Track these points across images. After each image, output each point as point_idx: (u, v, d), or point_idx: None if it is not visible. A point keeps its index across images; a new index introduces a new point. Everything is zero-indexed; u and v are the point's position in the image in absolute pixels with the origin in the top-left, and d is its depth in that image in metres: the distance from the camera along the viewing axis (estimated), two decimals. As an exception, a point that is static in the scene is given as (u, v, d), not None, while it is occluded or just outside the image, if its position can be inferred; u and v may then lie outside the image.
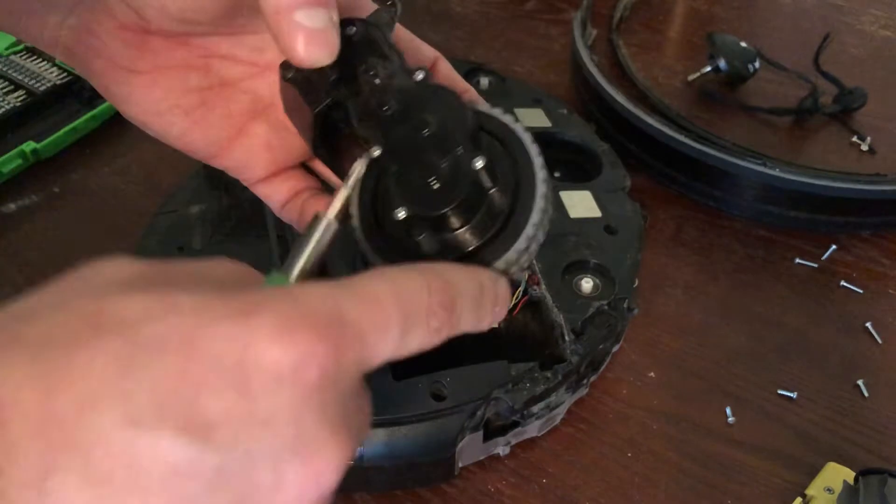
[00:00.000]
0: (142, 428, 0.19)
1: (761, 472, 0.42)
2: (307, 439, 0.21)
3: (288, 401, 0.21)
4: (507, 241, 0.31)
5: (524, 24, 0.75)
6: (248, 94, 0.36)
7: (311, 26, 0.30)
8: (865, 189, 0.53)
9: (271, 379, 0.21)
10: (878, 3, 0.79)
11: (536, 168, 0.31)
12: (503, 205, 0.31)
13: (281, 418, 0.21)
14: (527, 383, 0.40)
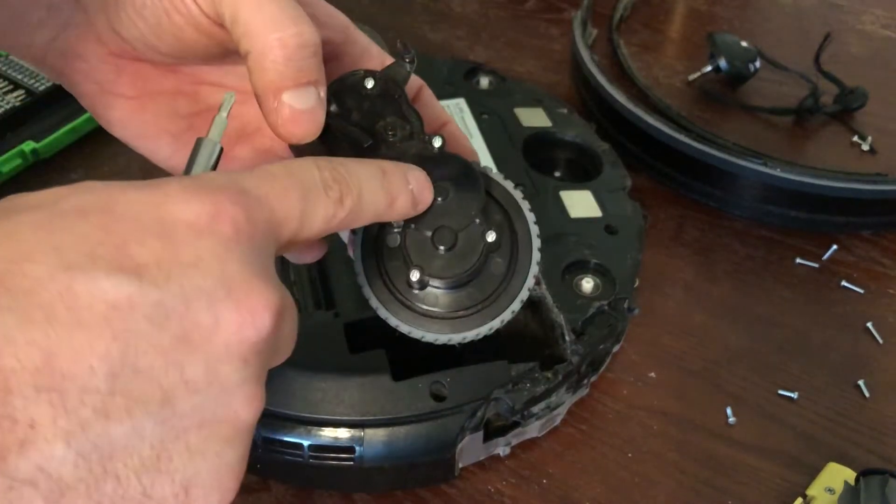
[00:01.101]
0: (76, 270, 0.21)
1: (762, 473, 0.42)
2: (236, 281, 0.23)
3: (210, 247, 0.23)
4: (502, 303, 0.34)
5: (524, 24, 0.75)
6: (235, 119, 0.36)
7: (299, 107, 0.31)
8: (866, 189, 0.53)
9: (190, 230, 0.23)
10: (879, 3, 0.79)
11: (533, 237, 0.34)
12: (501, 269, 0.34)
13: (207, 262, 0.22)
14: (527, 383, 0.40)
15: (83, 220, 0.22)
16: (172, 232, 0.22)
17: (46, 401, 0.20)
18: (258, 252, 0.24)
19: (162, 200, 0.23)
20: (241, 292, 0.23)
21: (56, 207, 0.22)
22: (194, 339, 0.22)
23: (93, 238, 0.21)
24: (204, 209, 0.23)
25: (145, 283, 0.21)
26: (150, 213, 0.23)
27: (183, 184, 0.24)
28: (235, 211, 0.24)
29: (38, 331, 0.20)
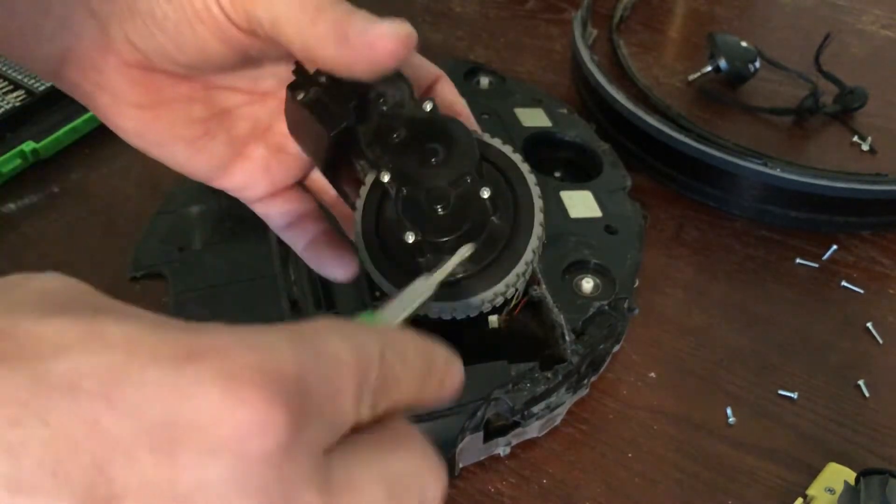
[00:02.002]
0: (25, 496, 0.15)
1: (762, 473, 0.42)
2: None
3: (219, 474, 0.17)
4: (506, 266, 0.33)
5: (524, 24, 0.75)
6: (247, 120, 0.36)
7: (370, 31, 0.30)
8: (866, 189, 0.53)
9: (206, 444, 0.17)
10: (879, 3, 0.78)
11: (534, 196, 0.34)
12: (504, 231, 0.33)
13: (208, 495, 0.17)
14: (527, 383, 0.40)
15: (68, 404, 0.16)
16: (179, 444, 0.16)
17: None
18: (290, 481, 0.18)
19: (186, 392, 0.17)
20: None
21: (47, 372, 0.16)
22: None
23: (68, 441, 0.16)
24: (236, 418, 0.17)
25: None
26: (161, 409, 0.16)
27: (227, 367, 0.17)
28: (283, 423, 0.17)
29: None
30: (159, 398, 0.16)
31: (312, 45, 0.30)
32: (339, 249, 0.38)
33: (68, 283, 0.19)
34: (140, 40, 0.31)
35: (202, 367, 0.17)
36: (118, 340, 0.17)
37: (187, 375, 0.17)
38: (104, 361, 0.17)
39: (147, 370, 0.17)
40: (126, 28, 0.31)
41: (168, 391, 0.17)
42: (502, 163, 0.34)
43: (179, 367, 0.17)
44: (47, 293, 0.18)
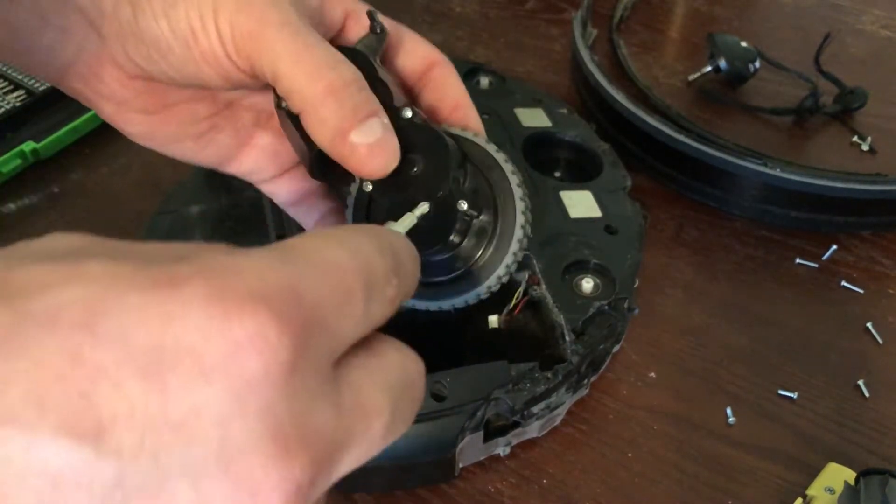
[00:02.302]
0: (13, 425, 0.15)
1: (762, 473, 0.42)
2: (240, 450, 0.16)
3: (215, 398, 0.16)
4: (494, 260, 0.34)
5: (524, 24, 0.75)
6: (251, 110, 0.37)
7: (371, 141, 0.30)
8: (866, 189, 0.53)
9: (194, 368, 0.16)
10: (879, 3, 0.79)
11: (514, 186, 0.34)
12: (487, 228, 0.34)
13: (203, 420, 0.16)
14: (527, 383, 0.40)
15: (51, 333, 0.16)
16: (168, 368, 0.16)
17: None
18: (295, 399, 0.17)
19: (170, 315, 0.16)
20: (245, 467, 0.16)
21: (28, 305, 0.16)
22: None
23: (51, 371, 0.15)
24: (226, 337, 0.16)
25: (104, 453, 0.15)
26: (148, 332, 0.16)
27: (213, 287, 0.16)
28: (278, 338, 0.17)
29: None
30: (142, 324, 0.16)
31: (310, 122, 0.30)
32: None
33: (71, 237, 0.19)
34: (142, 62, 0.32)
35: (186, 290, 0.16)
36: (98, 275, 0.17)
37: (170, 300, 0.16)
38: (83, 293, 0.16)
39: (127, 297, 0.16)
40: (128, 48, 0.31)
41: (151, 316, 0.16)
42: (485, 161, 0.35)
43: (161, 292, 0.16)
44: (47, 247, 0.18)
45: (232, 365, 0.16)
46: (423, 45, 0.37)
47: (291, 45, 0.29)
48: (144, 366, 0.16)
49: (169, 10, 0.30)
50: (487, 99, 0.58)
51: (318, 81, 0.29)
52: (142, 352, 0.16)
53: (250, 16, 0.29)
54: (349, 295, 0.19)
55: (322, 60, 0.30)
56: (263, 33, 0.29)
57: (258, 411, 0.16)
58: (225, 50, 0.30)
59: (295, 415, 0.17)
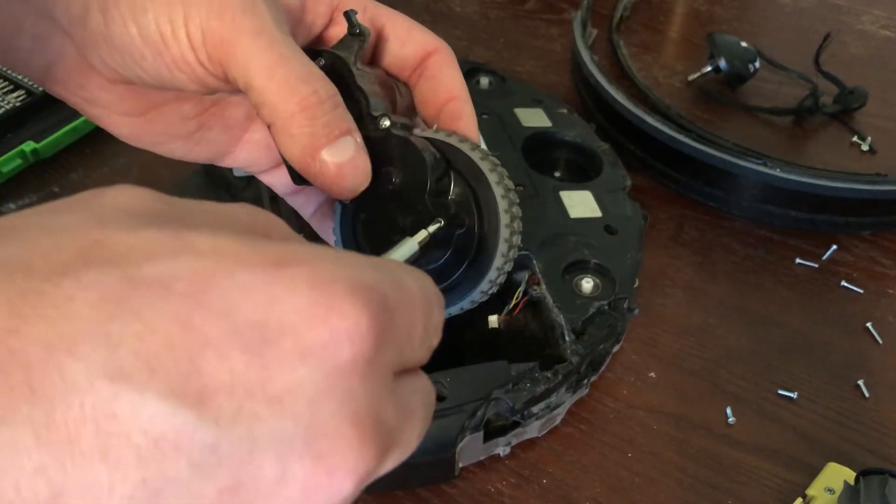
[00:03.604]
0: (123, 383, 0.15)
1: (762, 473, 0.42)
2: (325, 431, 0.17)
3: (310, 378, 0.17)
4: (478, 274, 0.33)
5: (524, 25, 0.75)
6: (240, 106, 0.36)
7: (341, 160, 0.30)
8: (866, 189, 0.53)
9: (295, 348, 0.17)
10: (879, 3, 0.79)
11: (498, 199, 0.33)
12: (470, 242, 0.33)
13: (298, 398, 0.17)
14: (527, 383, 0.40)
15: (161, 302, 0.16)
16: (270, 346, 0.17)
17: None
18: (372, 391, 0.18)
19: (276, 297, 0.17)
20: (326, 446, 0.17)
21: (139, 273, 0.16)
22: (245, 495, 0.17)
23: (162, 336, 0.16)
24: (325, 321, 0.17)
25: (205, 420, 0.16)
26: (252, 312, 0.17)
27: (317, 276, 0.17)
28: (368, 334, 0.18)
29: (52, 458, 0.15)
30: (249, 301, 0.17)
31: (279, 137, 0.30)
32: None
33: (148, 194, 0.19)
34: (118, 68, 0.31)
35: (291, 273, 0.17)
36: (206, 248, 0.17)
37: (277, 280, 0.17)
38: (194, 266, 0.17)
39: (236, 274, 0.17)
40: (103, 55, 0.31)
41: (258, 294, 0.17)
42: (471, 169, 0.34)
43: (268, 272, 0.17)
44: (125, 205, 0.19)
45: (328, 350, 0.17)
46: (419, 32, 0.36)
47: (266, 56, 0.28)
48: (249, 341, 0.17)
49: (139, 16, 0.29)
50: (487, 99, 0.58)
51: (291, 96, 0.29)
52: (247, 327, 0.17)
53: (223, 22, 0.28)
54: (415, 322, 0.20)
55: (296, 74, 0.29)
56: (237, 42, 0.28)
57: (344, 397, 0.17)
58: (197, 57, 0.29)
59: (371, 405, 0.18)
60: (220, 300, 0.17)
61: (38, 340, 0.15)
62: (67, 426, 0.15)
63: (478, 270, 0.34)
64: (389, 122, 0.32)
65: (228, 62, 0.29)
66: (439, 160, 0.33)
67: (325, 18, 0.35)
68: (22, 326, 0.15)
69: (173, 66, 0.30)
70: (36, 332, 0.15)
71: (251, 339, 0.17)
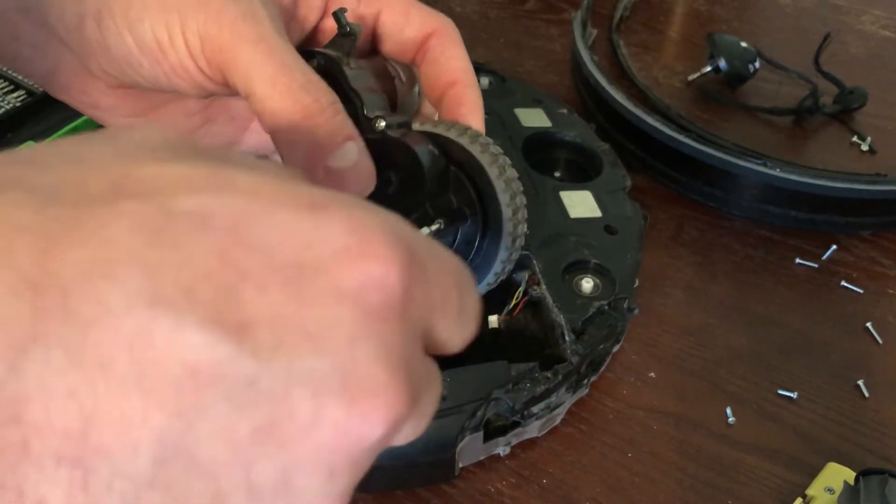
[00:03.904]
0: (162, 309, 0.15)
1: (761, 472, 0.42)
2: (360, 371, 0.17)
3: (349, 319, 0.17)
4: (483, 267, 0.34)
5: (524, 25, 0.75)
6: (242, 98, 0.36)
7: (345, 166, 0.29)
8: (865, 189, 0.53)
9: (331, 288, 0.17)
10: (879, 4, 0.79)
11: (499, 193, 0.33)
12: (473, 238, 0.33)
13: (334, 337, 0.16)
14: (527, 383, 0.40)
15: (201, 232, 0.16)
16: (308, 285, 0.16)
17: (66, 479, 0.15)
18: (402, 339, 0.18)
19: (312, 238, 0.17)
20: (361, 388, 0.17)
21: (174, 205, 0.16)
22: (279, 434, 0.16)
23: (201, 266, 0.16)
24: (359, 269, 0.17)
25: (244, 352, 0.16)
26: (289, 251, 0.17)
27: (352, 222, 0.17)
28: (398, 282, 0.17)
29: (84, 381, 0.15)
30: (288, 239, 0.17)
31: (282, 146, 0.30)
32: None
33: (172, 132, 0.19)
34: (117, 74, 0.31)
35: (329, 215, 0.17)
36: (246, 186, 0.17)
37: (315, 221, 0.17)
38: (233, 202, 0.17)
39: (276, 213, 0.17)
40: (101, 63, 0.31)
41: (296, 234, 0.17)
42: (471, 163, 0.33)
43: (307, 213, 0.17)
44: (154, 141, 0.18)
45: (362, 293, 0.17)
46: (417, 12, 0.35)
47: (267, 64, 0.28)
48: (288, 277, 0.16)
49: (134, 25, 0.29)
50: (487, 99, 0.57)
51: (293, 106, 0.28)
52: (285, 265, 0.16)
53: (222, 29, 0.28)
54: (450, 292, 0.19)
55: (297, 83, 0.29)
56: (237, 49, 0.28)
57: (379, 341, 0.17)
58: (196, 63, 0.29)
59: (402, 355, 0.18)
60: (259, 237, 0.16)
61: (73, 263, 0.15)
62: (101, 351, 0.15)
63: (484, 262, 0.33)
64: (385, 123, 0.32)
65: (228, 69, 0.29)
66: (438, 157, 0.32)
67: (319, 11, 0.34)
68: (55, 249, 0.15)
69: (171, 73, 0.30)
70: (71, 255, 0.15)
71: (290, 276, 0.16)
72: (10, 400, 0.14)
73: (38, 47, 0.31)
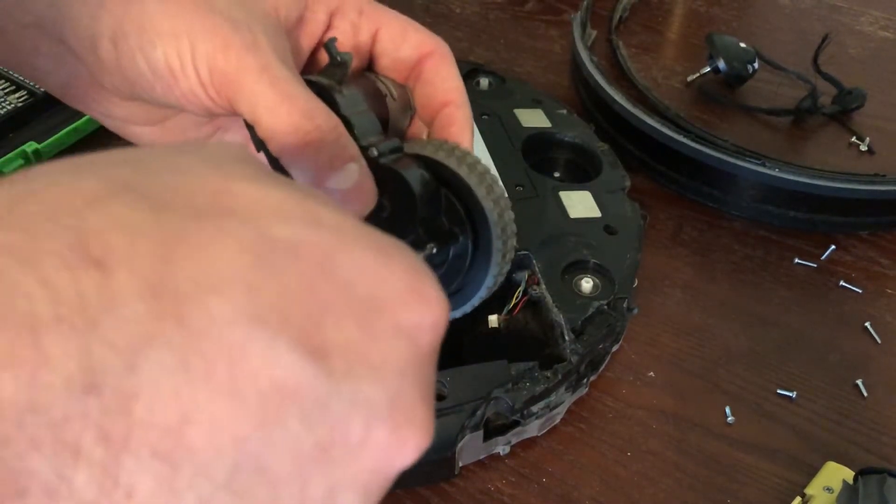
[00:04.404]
0: (260, 327, 0.17)
1: (760, 472, 0.42)
2: (404, 402, 0.18)
3: (404, 356, 0.19)
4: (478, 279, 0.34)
5: (524, 25, 0.76)
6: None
7: (347, 187, 0.30)
8: (864, 189, 0.54)
9: (394, 324, 0.19)
10: (878, 4, 0.79)
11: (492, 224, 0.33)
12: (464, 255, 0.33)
13: (391, 369, 0.18)
14: (527, 383, 0.40)
15: (295, 262, 0.18)
16: (376, 322, 0.18)
17: (156, 472, 0.16)
18: (430, 377, 0.20)
19: (384, 280, 0.19)
20: (403, 416, 0.18)
21: (271, 233, 0.18)
22: (334, 452, 0.17)
23: (293, 294, 0.17)
24: (416, 312, 0.19)
25: (321, 374, 0.17)
26: (366, 289, 0.18)
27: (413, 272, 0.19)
28: (438, 328, 0.20)
29: (188, 385, 0.16)
30: (363, 277, 0.18)
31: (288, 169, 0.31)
32: None
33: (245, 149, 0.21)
34: (130, 92, 0.32)
35: (396, 259, 0.19)
36: (332, 224, 0.19)
37: (386, 264, 0.19)
38: (321, 237, 0.18)
39: (355, 253, 0.19)
40: (114, 80, 0.31)
41: (370, 273, 0.19)
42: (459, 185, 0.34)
43: (379, 255, 0.19)
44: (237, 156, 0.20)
45: (416, 332, 0.19)
46: (414, 33, 0.36)
47: (270, 94, 0.29)
48: (360, 312, 0.18)
49: (147, 50, 0.30)
50: (487, 100, 0.58)
51: (295, 133, 0.29)
52: (359, 300, 0.18)
53: (228, 60, 0.29)
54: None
55: (299, 111, 0.30)
56: (242, 80, 0.29)
57: (421, 377, 0.19)
58: (206, 91, 0.30)
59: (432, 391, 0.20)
60: (341, 273, 0.18)
61: (186, 275, 0.16)
62: (206, 359, 0.16)
63: (476, 278, 0.34)
64: (377, 152, 0.32)
65: (235, 98, 0.30)
66: (429, 182, 0.33)
67: (323, 25, 0.35)
68: (171, 257, 0.16)
69: (182, 98, 0.31)
70: (183, 267, 0.16)
71: (362, 311, 0.18)
72: (124, 395, 0.15)
73: (55, 59, 0.32)
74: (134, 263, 0.16)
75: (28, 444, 0.15)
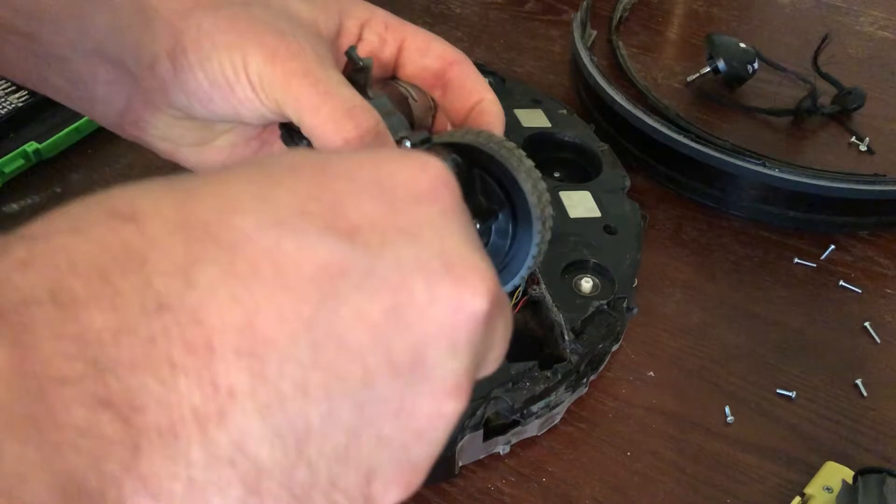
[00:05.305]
0: (286, 227, 0.19)
1: (760, 472, 0.42)
2: (455, 256, 0.20)
3: (430, 215, 0.20)
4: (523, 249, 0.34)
5: (524, 26, 0.76)
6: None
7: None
8: (864, 189, 0.54)
9: (409, 194, 0.21)
10: (877, 4, 0.79)
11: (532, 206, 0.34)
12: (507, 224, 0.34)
13: (426, 230, 0.20)
14: (526, 382, 0.40)
15: (295, 175, 0.20)
16: (390, 194, 0.20)
17: (247, 367, 0.18)
18: (466, 224, 0.22)
19: (379, 162, 0.21)
20: (461, 268, 0.20)
21: (267, 164, 0.21)
22: (406, 315, 0.19)
23: (305, 194, 0.20)
24: (425, 174, 0.21)
25: (358, 248, 0.19)
26: (367, 173, 0.21)
27: (400, 153, 0.23)
28: (450, 179, 0.22)
29: (241, 287, 0.18)
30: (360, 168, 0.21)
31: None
32: None
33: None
34: (183, 108, 0.33)
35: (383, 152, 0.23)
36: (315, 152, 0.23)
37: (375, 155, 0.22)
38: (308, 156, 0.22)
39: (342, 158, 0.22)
40: (169, 98, 0.33)
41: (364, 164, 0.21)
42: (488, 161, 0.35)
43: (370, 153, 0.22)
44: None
45: (433, 194, 0.21)
46: (438, 44, 0.38)
47: (312, 96, 0.31)
48: (372, 191, 0.20)
49: (204, 63, 0.32)
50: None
51: (336, 132, 0.31)
52: (367, 184, 0.20)
53: (275, 67, 0.31)
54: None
55: (339, 110, 0.31)
56: (288, 85, 0.31)
57: (460, 230, 0.21)
58: (258, 97, 0.32)
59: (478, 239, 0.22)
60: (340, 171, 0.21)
61: (206, 208, 0.19)
62: (248, 262, 0.18)
63: (520, 249, 0.35)
64: (410, 143, 0.34)
65: (283, 101, 0.32)
66: (461, 164, 0.34)
67: (355, 38, 0.37)
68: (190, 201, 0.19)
69: (238, 106, 0.32)
70: (202, 204, 0.19)
71: (374, 192, 0.20)
72: (191, 308, 0.18)
73: (114, 83, 0.34)
74: (161, 212, 0.19)
75: (132, 365, 0.17)
